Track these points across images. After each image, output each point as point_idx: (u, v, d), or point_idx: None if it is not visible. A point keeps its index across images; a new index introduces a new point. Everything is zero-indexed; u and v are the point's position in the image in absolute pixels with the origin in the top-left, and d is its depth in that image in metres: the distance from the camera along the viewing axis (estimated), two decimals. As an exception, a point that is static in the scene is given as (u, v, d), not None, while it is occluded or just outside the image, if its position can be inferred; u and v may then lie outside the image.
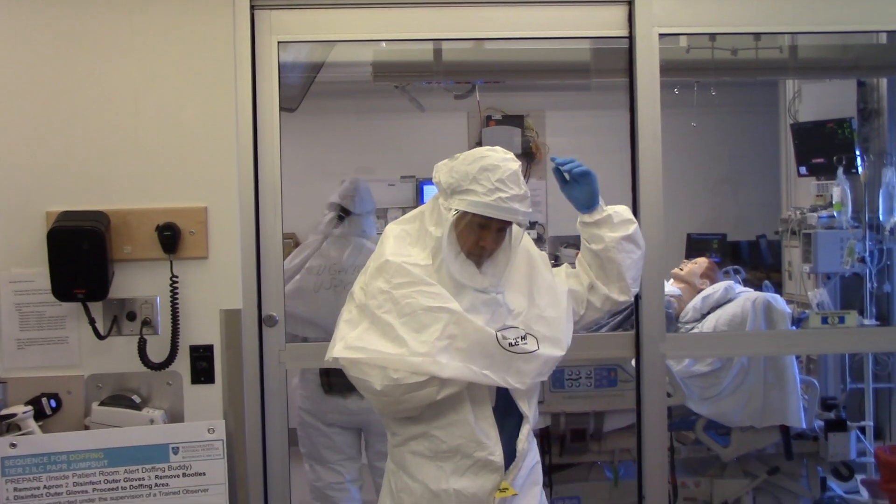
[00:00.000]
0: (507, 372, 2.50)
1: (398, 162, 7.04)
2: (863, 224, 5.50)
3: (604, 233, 2.73)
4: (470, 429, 2.50)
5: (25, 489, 2.92)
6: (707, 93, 5.77)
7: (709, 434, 4.91)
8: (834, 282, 5.59)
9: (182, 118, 3.08)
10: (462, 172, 2.52)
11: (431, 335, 2.41)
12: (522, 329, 2.54)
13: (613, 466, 4.89)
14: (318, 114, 6.26)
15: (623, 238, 2.73)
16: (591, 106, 6.44)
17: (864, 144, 5.64)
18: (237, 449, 3.11)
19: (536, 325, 2.57)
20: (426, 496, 2.53)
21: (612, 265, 2.73)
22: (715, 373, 4.79)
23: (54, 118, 3.05)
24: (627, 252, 2.74)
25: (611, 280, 2.75)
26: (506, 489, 2.53)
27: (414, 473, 2.56)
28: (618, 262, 2.72)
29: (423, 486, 2.54)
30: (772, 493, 5.06)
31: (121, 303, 3.06)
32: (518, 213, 2.52)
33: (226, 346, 3.10)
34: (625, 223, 2.75)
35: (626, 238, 2.73)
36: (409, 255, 2.55)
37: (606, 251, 2.72)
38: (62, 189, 3.04)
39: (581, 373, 4.61)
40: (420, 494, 2.54)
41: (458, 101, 5.61)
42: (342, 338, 2.51)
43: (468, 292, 2.52)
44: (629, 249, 2.74)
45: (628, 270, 2.74)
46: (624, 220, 2.75)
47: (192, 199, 3.08)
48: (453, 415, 2.51)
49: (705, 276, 5.27)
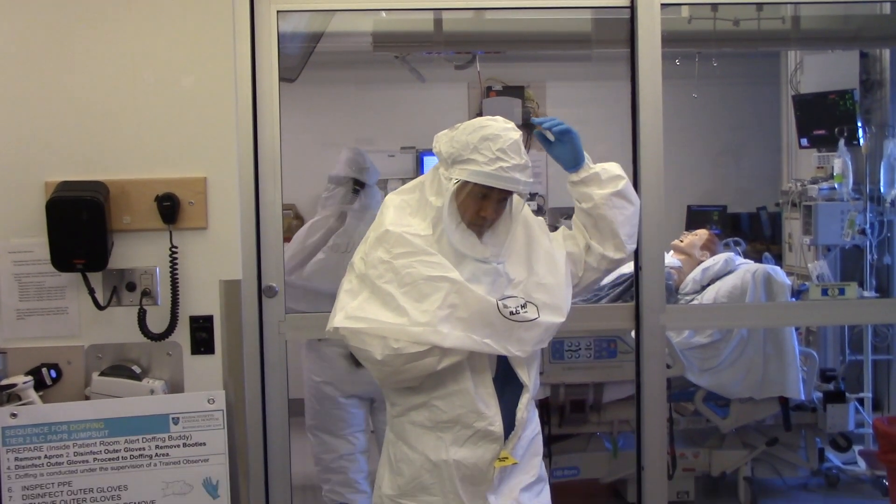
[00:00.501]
0: (508, 340, 2.50)
1: (398, 133, 7.03)
2: (864, 196, 5.50)
3: (592, 190, 2.72)
4: (470, 399, 2.51)
5: (26, 459, 2.93)
6: (708, 64, 5.75)
7: (708, 405, 4.93)
8: (834, 254, 5.59)
9: (181, 88, 3.06)
10: (463, 142, 2.51)
11: (432, 304, 2.41)
12: (522, 298, 2.54)
13: (612, 437, 4.92)
14: (317, 84, 6.24)
15: (612, 194, 2.71)
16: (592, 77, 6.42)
17: (866, 116, 5.62)
18: (237, 419, 3.11)
19: (536, 293, 2.57)
20: (426, 466, 2.54)
21: (605, 223, 2.72)
22: (714, 344, 4.80)
23: (52, 88, 3.03)
24: (619, 208, 2.72)
25: (605, 238, 2.74)
26: (505, 458, 2.54)
27: (413, 444, 2.57)
28: (609, 218, 2.71)
29: (423, 457, 2.55)
30: (770, 463, 5.09)
31: (120, 273, 3.05)
32: (519, 183, 2.51)
33: (225, 317, 3.10)
34: (613, 179, 2.73)
35: (615, 194, 2.72)
36: (410, 225, 2.54)
37: (596, 209, 2.71)
38: (61, 159, 3.03)
39: (581, 344, 4.62)
40: (420, 465, 2.55)
41: (459, 71, 5.58)
42: (342, 308, 2.51)
43: (469, 262, 2.52)
44: (620, 205, 2.73)
45: (622, 227, 2.73)
46: (612, 177, 2.74)
47: (192, 169, 3.06)
48: (453, 385, 2.51)
49: (705, 247, 5.27)
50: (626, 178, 2.75)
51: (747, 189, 7.13)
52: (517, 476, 2.62)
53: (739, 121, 7.15)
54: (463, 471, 2.52)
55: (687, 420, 5.03)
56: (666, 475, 3.40)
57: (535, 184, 2.66)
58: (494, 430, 2.52)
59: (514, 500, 2.59)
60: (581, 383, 4.73)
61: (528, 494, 2.64)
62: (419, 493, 2.55)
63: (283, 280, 3.19)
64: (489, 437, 2.52)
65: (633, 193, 2.78)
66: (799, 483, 5.30)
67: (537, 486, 2.68)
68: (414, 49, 5.21)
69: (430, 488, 2.54)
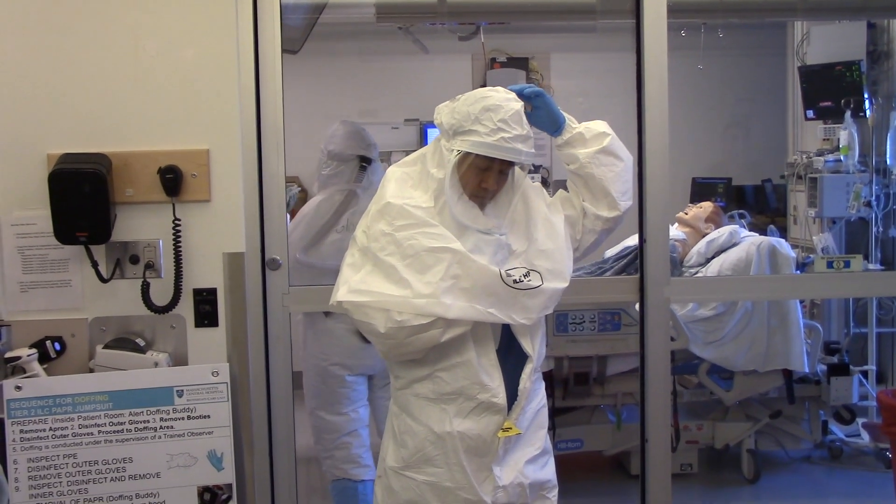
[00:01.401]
0: (512, 309, 2.50)
1: (402, 105, 7.00)
2: (869, 168, 5.47)
3: (577, 151, 2.68)
4: (473, 370, 2.51)
5: (31, 431, 2.93)
6: (714, 35, 5.71)
7: (712, 378, 4.94)
8: (839, 226, 5.58)
9: (183, 59, 3.04)
10: (464, 113, 2.50)
11: (435, 276, 2.41)
12: (525, 266, 2.53)
13: (616, 410, 4.93)
14: (320, 56, 6.20)
15: (598, 152, 2.67)
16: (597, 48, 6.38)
17: (873, 87, 5.59)
18: (241, 392, 3.11)
19: (537, 260, 2.56)
20: (430, 438, 2.55)
21: (594, 182, 2.68)
22: (718, 317, 4.80)
23: (54, 60, 3.01)
24: (607, 165, 2.68)
25: (597, 198, 2.70)
26: (509, 428, 2.54)
27: (417, 416, 2.57)
28: (598, 177, 2.67)
29: (427, 429, 2.55)
30: (773, 436, 5.11)
31: (123, 246, 3.05)
32: (521, 154, 2.50)
33: (229, 290, 3.10)
34: (598, 137, 2.69)
35: (601, 151, 2.67)
36: (411, 197, 2.54)
37: (583, 168, 2.68)
38: (63, 131, 3.01)
39: (585, 317, 4.62)
40: (424, 437, 2.55)
41: (463, 42, 5.55)
42: (346, 281, 2.51)
43: (471, 234, 2.51)
44: (608, 162, 2.68)
45: (612, 184, 2.68)
46: (596, 134, 2.70)
47: (194, 141, 3.05)
48: (457, 357, 2.51)
49: (710, 220, 5.26)
50: (611, 135, 2.70)
51: (752, 161, 7.11)
52: (522, 448, 2.62)
53: (745, 92, 7.12)
54: (467, 442, 2.52)
55: (691, 393, 5.04)
56: (670, 448, 3.41)
57: (538, 156, 2.64)
58: (498, 402, 2.52)
59: (519, 472, 2.60)
60: (585, 356, 4.73)
61: (533, 467, 2.64)
62: (423, 464, 2.56)
63: (286, 253, 3.18)
64: (493, 409, 2.53)
65: (621, 149, 2.73)
66: (802, 455, 5.32)
67: (542, 459, 2.69)
68: (417, 20, 5.19)
69: (434, 460, 2.55)
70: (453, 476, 2.53)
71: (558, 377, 4.76)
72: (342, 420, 4.04)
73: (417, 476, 2.57)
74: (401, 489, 2.60)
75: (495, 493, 2.56)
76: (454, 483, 2.53)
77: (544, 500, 2.70)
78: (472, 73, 6.83)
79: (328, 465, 4.10)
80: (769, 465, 5.16)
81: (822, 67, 5.67)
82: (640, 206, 3.30)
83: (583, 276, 4.75)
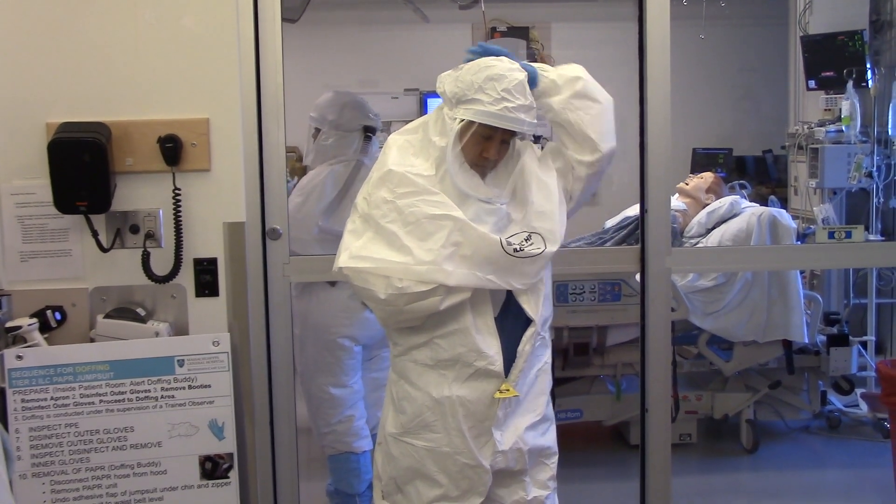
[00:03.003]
0: (511, 275, 2.51)
1: (402, 74, 6.97)
2: (871, 139, 5.45)
3: (552, 98, 2.65)
4: (470, 338, 2.52)
5: (33, 400, 2.94)
6: (716, 4, 5.68)
7: (711, 348, 4.95)
8: (840, 197, 5.57)
9: (182, 27, 3.02)
10: (467, 82, 2.49)
11: (436, 243, 2.42)
12: (526, 230, 2.53)
13: (616, 380, 4.94)
14: (320, 25, 6.19)
15: (572, 96, 2.64)
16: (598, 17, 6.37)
17: (875, 57, 5.55)
18: (242, 361, 3.12)
19: (537, 222, 2.55)
20: (428, 403, 2.56)
21: (573, 127, 2.65)
22: (719, 287, 4.80)
23: (52, 28, 2.99)
24: (583, 109, 2.64)
25: (579, 143, 2.67)
26: (507, 390, 2.55)
27: (415, 382, 2.58)
28: (574, 121, 2.64)
29: (425, 394, 2.56)
30: (772, 406, 5.12)
31: (123, 215, 3.04)
32: (524, 124, 2.49)
33: (229, 260, 3.09)
34: (570, 82, 2.66)
35: (574, 96, 2.64)
36: (413, 165, 2.54)
37: (558, 115, 2.65)
38: (62, 100, 3.00)
39: (585, 287, 4.62)
40: (422, 402, 2.57)
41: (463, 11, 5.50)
42: (347, 248, 2.52)
43: (472, 202, 2.51)
44: (583, 106, 2.65)
45: (590, 127, 2.64)
46: (569, 80, 2.66)
47: (194, 110, 3.03)
48: (454, 324, 2.52)
49: (711, 190, 5.25)
50: (584, 78, 2.66)
51: (753, 131, 7.09)
52: (522, 414, 2.63)
53: (746, 62, 7.09)
54: (467, 406, 2.54)
55: (690, 363, 5.05)
56: (670, 418, 3.42)
57: (540, 125, 2.61)
58: (494, 369, 2.53)
59: (519, 437, 2.61)
60: (585, 326, 4.74)
61: (533, 433, 2.65)
62: (422, 430, 2.57)
63: (286, 222, 3.17)
64: (490, 375, 2.54)
65: (597, 91, 2.68)
66: (801, 426, 5.34)
67: (543, 425, 2.70)
68: (418, -12, 5.15)
69: (432, 426, 2.56)
70: (451, 441, 2.54)
71: (558, 347, 4.77)
72: (346, 393, 4.00)
73: (416, 442, 2.58)
74: (400, 455, 2.61)
75: (494, 457, 2.57)
76: (452, 448, 2.54)
77: (543, 466, 2.72)
78: (473, 42, 6.78)
79: (330, 441, 4.03)
80: (768, 436, 5.18)
81: (824, 37, 5.64)
82: (641, 177, 3.29)
83: (583, 246, 4.75)
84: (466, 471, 2.55)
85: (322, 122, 4.08)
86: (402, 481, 2.63)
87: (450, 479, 2.56)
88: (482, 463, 2.56)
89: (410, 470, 2.60)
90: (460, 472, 2.55)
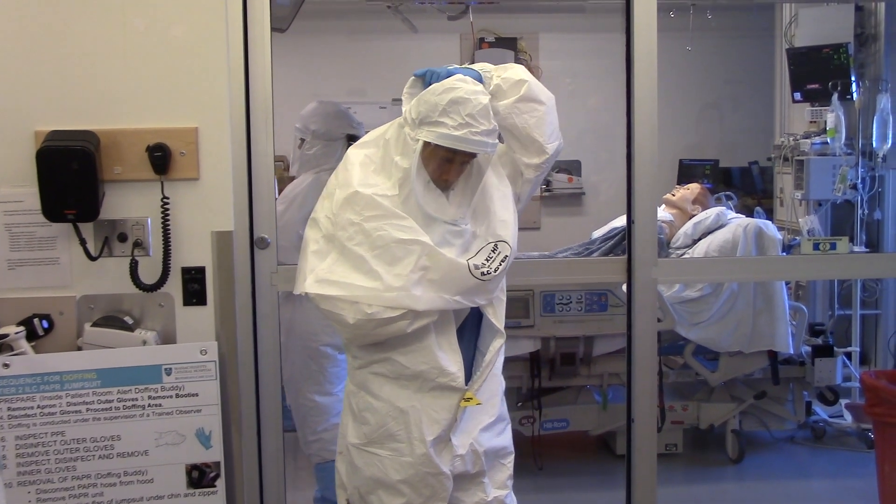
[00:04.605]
0: (476, 294, 2.53)
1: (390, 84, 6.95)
2: (856, 151, 5.50)
3: (498, 103, 2.62)
4: (433, 356, 2.53)
5: (19, 409, 2.93)
6: (703, 16, 5.72)
7: (697, 359, 4.96)
8: (825, 209, 5.60)
9: (172, 37, 3.02)
10: (431, 104, 2.48)
11: (405, 268, 2.42)
12: (491, 239, 2.55)
13: (602, 390, 4.95)
14: (309, 34, 6.18)
15: (517, 101, 2.62)
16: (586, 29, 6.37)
17: (860, 70, 5.60)
18: (229, 370, 3.12)
19: (501, 230, 2.58)
20: (392, 413, 2.56)
21: (519, 131, 2.64)
22: (705, 298, 4.82)
23: (42, 36, 2.98)
24: (528, 112, 2.63)
25: (525, 146, 2.67)
26: (469, 399, 2.56)
27: (377, 393, 2.59)
28: (520, 125, 2.62)
29: (388, 404, 2.57)
30: (758, 416, 5.15)
31: (112, 224, 3.04)
32: (487, 146, 2.51)
33: (217, 268, 3.09)
34: (515, 85, 2.63)
35: (519, 99, 2.62)
36: (376, 184, 2.53)
37: (505, 120, 2.62)
38: (51, 108, 2.99)
39: (572, 297, 4.63)
40: (385, 413, 2.57)
41: (452, 22, 5.54)
42: (312, 270, 2.52)
43: (438, 225, 2.52)
44: (528, 109, 2.63)
45: (535, 130, 2.64)
46: (513, 83, 2.63)
47: (183, 119, 3.04)
48: (417, 343, 2.53)
49: (697, 201, 5.28)
50: (528, 81, 2.63)
51: (739, 143, 7.12)
52: (476, 416, 2.64)
53: (733, 74, 7.12)
54: (431, 415, 2.54)
55: (676, 373, 5.06)
56: (656, 428, 3.43)
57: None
58: (456, 385, 2.55)
59: (474, 439, 2.62)
60: (571, 336, 4.75)
61: (488, 434, 2.67)
62: (386, 440, 2.58)
63: (275, 231, 3.18)
64: (451, 389, 2.55)
65: (540, 92, 2.66)
66: (786, 436, 5.36)
67: (498, 426, 2.71)
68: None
69: (396, 435, 2.57)
70: (413, 450, 2.55)
71: (545, 357, 4.78)
72: (331, 401, 4.01)
73: (380, 451, 2.59)
74: (363, 465, 2.62)
75: (453, 461, 2.59)
76: (414, 458, 2.55)
77: (501, 466, 2.73)
78: (461, 52, 6.81)
79: (316, 449, 4.04)
80: (753, 446, 5.21)
81: (809, 50, 5.68)
82: (628, 187, 3.31)
83: (570, 256, 4.77)
84: (429, 479, 2.57)
85: (306, 132, 4.12)
86: (365, 490, 2.63)
87: (412, 489, 2.57)
88: (443, 470, 2.57)
89: (373, 480, 2.61)
90: (422, 480, 2.57)
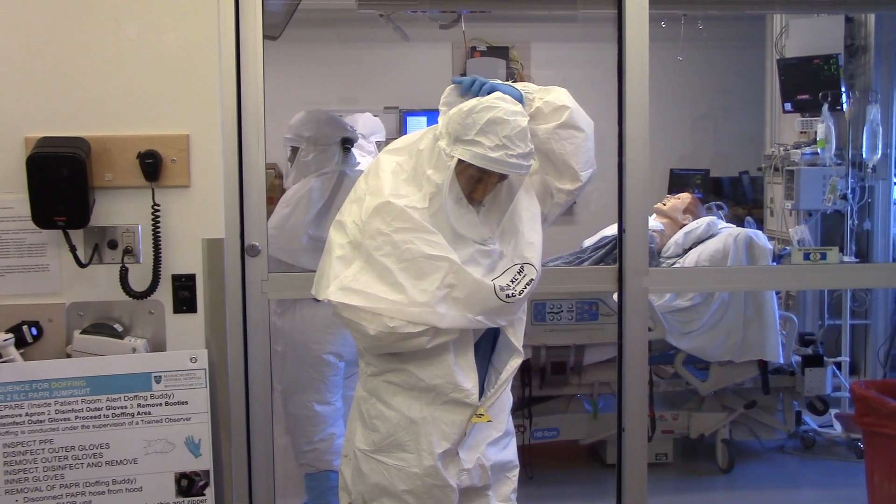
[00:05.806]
0: (499, 315, 2.51)
1: (382, 92, 6.98)
2: (846, 161, 5.51)
3: (537, 126, 2.60)
4: (449, 371, 2.51)
5: (7, 416, 2.92)
6: (694, 26, 5.73)
7: (687, 368, 4.97)
8: (815, 219, 5.62)
9: (164, 43, 3.02)
10: (469, 121, 2.44)
11: (431, 284, 2.39)
12: (518, 261, 2.53)
13: (593, 399, 4.95)
14: (301, 42, 6.19)
15: (557, 127, 2.60)
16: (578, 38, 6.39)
17: (850, 81, 5.62)
18: (219, 378, 3.11)
19: (527, 252, 2.55)
20: (402, 424, 2.55)
21: (555, 156, 2.62)
22: (695, 307, 4.83)
23: (33, 42, 2.98)
24: (567, 139, 2.61)
25: (560, 171, 2.65)
26: (481, 415, 2.55)
27: (389, 402, 2.57)
28: (558, 151, 2.61)
29: (400, 414, 2.55)
30: (748, 426, 5.15)
31: (102, 231, 3.03)
32: (521, 168, 2.47)
33: (208, 276, 3.09)
34: (557, 111, 2.61)
35: (560, 126, 2.60)
36: (407, 195, 2.49)
37: (543, 144, 2.61)
38: (41, 114, 2.99)
39: (562, 306, 4.63)
40: (396, 422, 2.55)
41: (444, 31, 5.52)
42: (336, 276, 2.48)
43: (467, 244, 2.49)
44: (567, 136, 2.61)
45: (573, 157, 2.62)
46: (556, 109, 2.61)
47: (174, 126, 3.03)
48: (434, 357, 2.51)
49: (688, 211, 5.29)
50: (570, 107, 2.61)
51: (730, 153, 7.14)
52: (484, 430, 2.63)
53: (724, 84, 7.15)
54: (442, 428, 2.53)
55: (667, 383, 5.07)
56: (646, 437, 3.43)
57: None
58: (470, 402, 2.53)
59: (481, 454, 2.61)
60: (562, 345, 4.74)
61: (495, 448, 2.66)
62: (395, 449, 2.56)
63: (266, 239, 3.17)
64: (464, 405, 2.54)
65: (581, 119, 2.64)
66: (776, 445, 5.36)
67: (504, 440, 2.70)
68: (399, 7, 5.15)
69: (405, 445, 2.55)
70: (422, 462, 2.53)
71: (535, 366, 4.78)
72: (330, 410, 4.00)
73: (387, 460, 2.57)
74: (369, 472, 2.60)
75: (459, 475, 2.58)
76: (422, 469, 2.54)
77: (506, 480, 2.72)
78: (453, 61, 6.82)
79: (311, 459, 4.02)
80: (743, 455, 5.20)
81: (800, 61, 5.70)
82: (619, 197, 3.32)
83: (561, 265, 4.77)
84: (434, 491, 2.55)
85: (299, 140, 4.11)
86: (369, 497, 2.62)
87: (417, 500, 2.55)
88: (450, 483, 2.56)
89: (379, 487, 2.59)
90: (428, 492, 2.55)
